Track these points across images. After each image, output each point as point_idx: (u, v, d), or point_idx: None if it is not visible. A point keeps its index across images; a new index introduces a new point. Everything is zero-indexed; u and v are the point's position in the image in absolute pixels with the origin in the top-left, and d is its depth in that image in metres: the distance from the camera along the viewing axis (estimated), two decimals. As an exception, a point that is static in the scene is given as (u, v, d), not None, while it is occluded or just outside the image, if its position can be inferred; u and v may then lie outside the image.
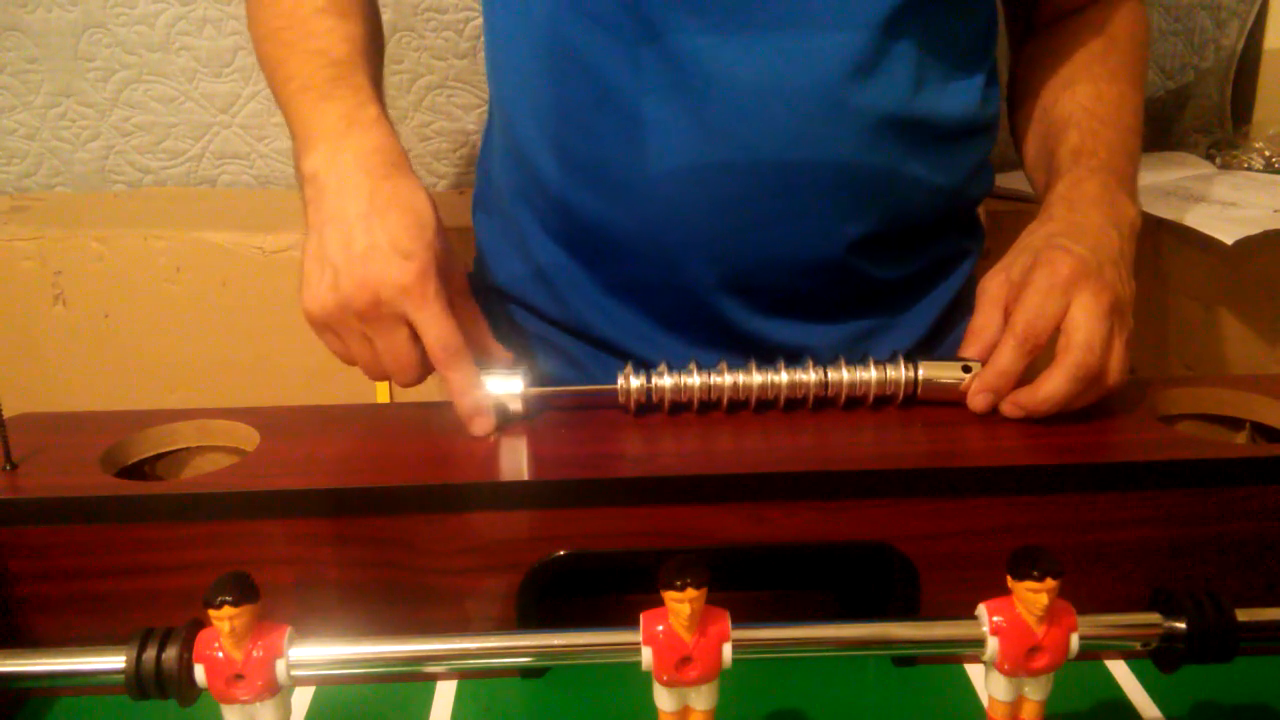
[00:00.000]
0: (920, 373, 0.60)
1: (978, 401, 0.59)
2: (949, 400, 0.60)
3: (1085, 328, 0.57)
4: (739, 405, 0.61)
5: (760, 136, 0.64)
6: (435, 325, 0.57)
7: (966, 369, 0.60)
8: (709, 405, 0.61)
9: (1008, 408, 0.59)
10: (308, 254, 0.59)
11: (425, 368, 0.59)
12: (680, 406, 0.61)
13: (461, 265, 0.64)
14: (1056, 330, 0.58)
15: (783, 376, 0.60)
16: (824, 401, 0.61)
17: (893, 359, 0.61)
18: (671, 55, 0.64)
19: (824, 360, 0.61)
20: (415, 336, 0.58)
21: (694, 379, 0.60)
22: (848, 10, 0.62)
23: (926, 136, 0.67)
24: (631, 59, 0.65)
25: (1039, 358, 0.59)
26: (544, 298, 0.75)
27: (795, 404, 0.61)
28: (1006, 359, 0.58)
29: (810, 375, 0.60)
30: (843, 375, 0.60)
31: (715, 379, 0.60)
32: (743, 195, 0.65)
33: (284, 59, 0.67)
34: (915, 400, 0.61)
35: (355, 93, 0.64)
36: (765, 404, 0.61)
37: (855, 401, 0.61)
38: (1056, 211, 0.65)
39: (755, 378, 0.60)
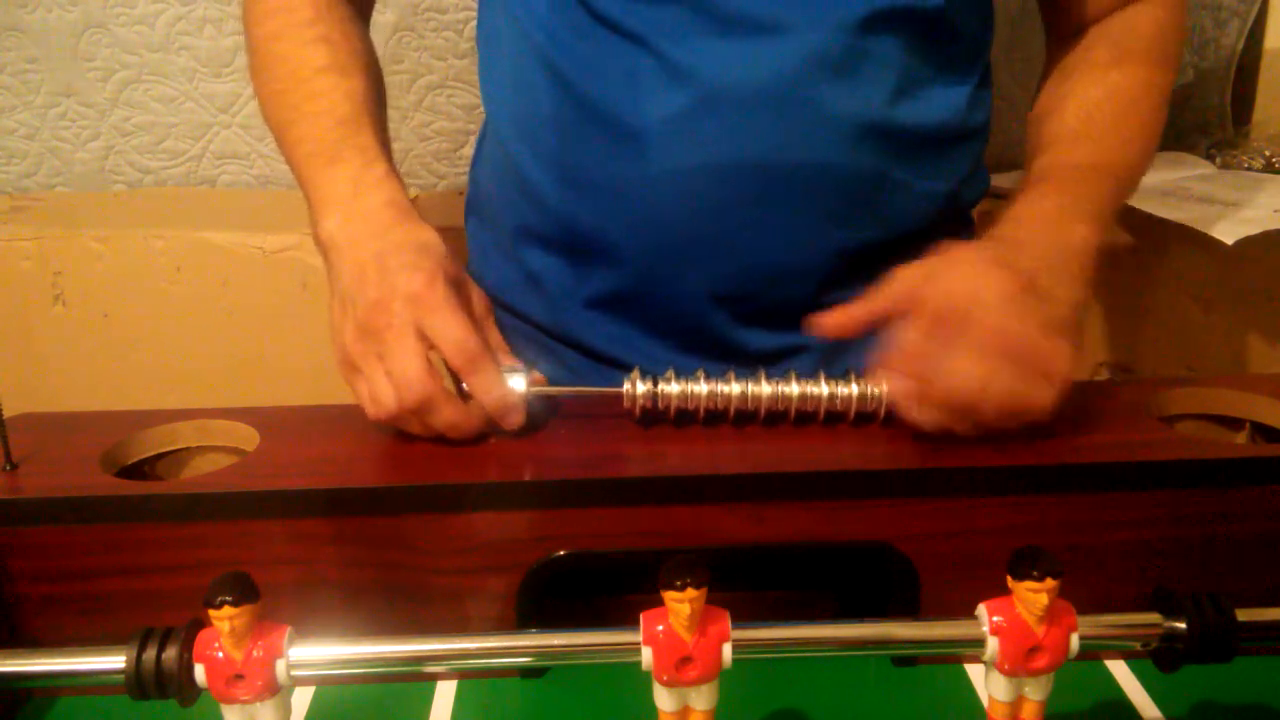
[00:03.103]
0: None
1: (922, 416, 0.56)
2: None
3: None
4: (747, 417, 0.59)
5: (746, 141, 0.64)
6: (448, 330, 0.56)
7: None
8: (716, 416, 0.59)
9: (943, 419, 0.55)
10: (331, 310, 0.60)
11: (431, 384, 0.55)
12: (686, 415, 0.59)
13: (479, 291, 0.64)
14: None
15: (793, 389, 0.58)
16: (834, 416, 0.59)
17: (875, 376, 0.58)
18: (661, 62, 0.64)
19: (817, 366, 0.60)
20: (427, 356, 0.56)
21: (700, 387, 0.58)
22: (824, 14, 0.63)
23: (912, 142, 0.66)
24: (623, 67, 0.65)
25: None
26: (536, 305, 0.75)
27: (805, 418, 0.59)
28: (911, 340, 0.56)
29: (823, 389, 0.58)
30: (852, 390, 0.58)
31: (723, 388, 0.58)
32: (732, 200, 0.65)
33: (291, 122, 0.68)
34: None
35: (361, 153, 0.65)
36: (775, 415, 0.59)
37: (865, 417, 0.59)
38: (1001, 231, 0.62)
39: (764, 388, 0.58)
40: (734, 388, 0.58)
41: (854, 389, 0.58)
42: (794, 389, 0.58)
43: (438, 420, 0.56)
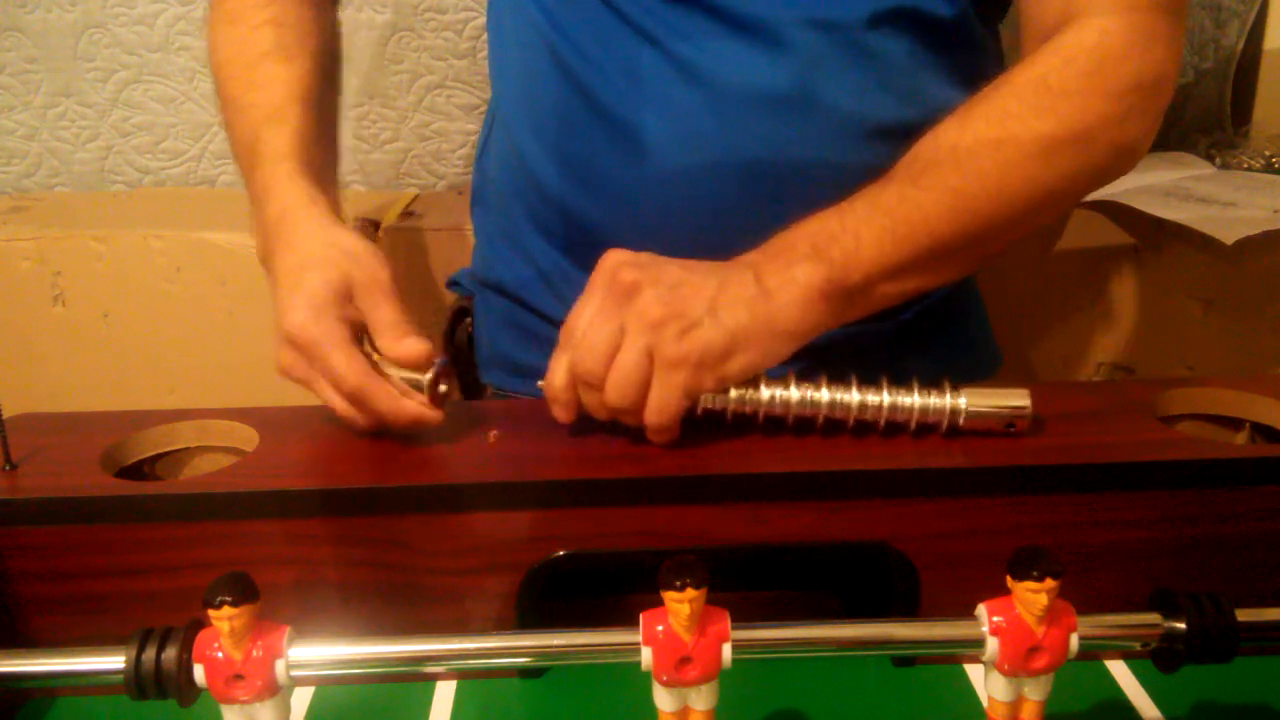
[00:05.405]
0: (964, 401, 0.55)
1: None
2: (993, 433, 0.56)
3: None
4: (805, 424, 0.57)
5: (751, 140, 0.64)
6: (330, 372, 0.55)
7: (1011, 425, 0.56)
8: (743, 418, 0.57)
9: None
10: None
11: (361, 420, 0.56)
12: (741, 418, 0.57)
13: (374, 269, 0.58)
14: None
15: (854, 397, 0.56)
16: (865, 426, 0.57)
17: (938, 386, 0.56)
18: (667, 60, 0.64)
19: (829, 370, 0.59)
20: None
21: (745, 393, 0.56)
22: (830, 14, 0.63)
23: None
24: (626, 62, 0.65)
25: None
26: (546, 299, 0.75)
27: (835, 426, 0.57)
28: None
29: (872, 397, 0.56)
30: (903, 399, 0.56)
31: (751, 393, 0.56)
32: (737, 200, 0.65)
33: (230, 119, 0.67)
34: (959, 432, 0.56)
35: (272, 151, 0.63)
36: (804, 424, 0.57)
37: (896, 427, 0.57)
38: (747, 257, 0.59)
39: (824, 394, 0.56)
40: (793, 394, 0.56)
41: (916, 399, 0.55)
42: (855, 397, 0.56)
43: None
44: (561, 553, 0.53)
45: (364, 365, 0.55)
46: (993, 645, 0.42)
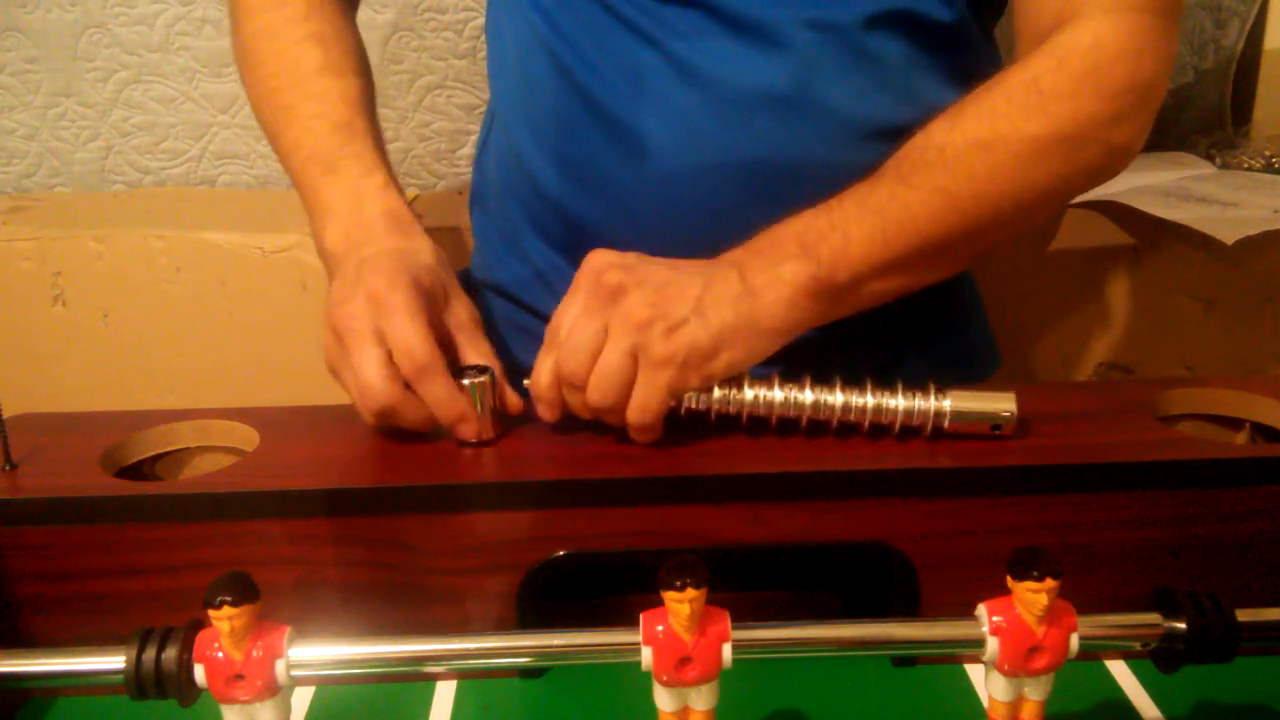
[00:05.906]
0: (949, 404, 0.55)
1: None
2: (978, 435, 0.56)
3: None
4: (788, 424, 0.57)
5: (751, 141, 0.64)
6: (398, 335, 0.54)
7: (996, 427, 0.55)
8: (739, 419, 0.57)
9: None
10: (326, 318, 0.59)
11: (388, 392, 0.55)
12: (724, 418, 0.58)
13: (466, 302, 0.61)
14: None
15: (837, 398, 0.56)
16: (849, 428, 0.58)
17: (923, 389, 0.56)
18: (668, 61, 0.64)
19: (814, 368, 0.59)
20: (387, 360, 0.55)
21: (725, 393, 0.56)
22: (827, 15, 0.63)
23: None
24: (626, 64, 0.65)
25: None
26: (544, 299, 0.75)
27: (819, 427, 0.58)
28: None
29: (850, 398, 0.56)
30: (888, 401, 0.56)
31: (766, 394, 0.56)
32: (736, 201, 0.65)
33: (285, 125, 0.67)
34: (943, 434, 0.56)
35: (358, 161, 0.64)
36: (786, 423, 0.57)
37: (880, 429, 0.57)
38: (732, 255, 0.59)
39: (807, 395, 0.56)
40: (748, 394, 0.56)
41: (900, 401, 0.55)
42: (839, 398, 0.56)
43: (404, 424, 0.56)
44: (561, 553, 0.53)
45: (435, 342, 0.56)
46: (993, 645, 0.42)
